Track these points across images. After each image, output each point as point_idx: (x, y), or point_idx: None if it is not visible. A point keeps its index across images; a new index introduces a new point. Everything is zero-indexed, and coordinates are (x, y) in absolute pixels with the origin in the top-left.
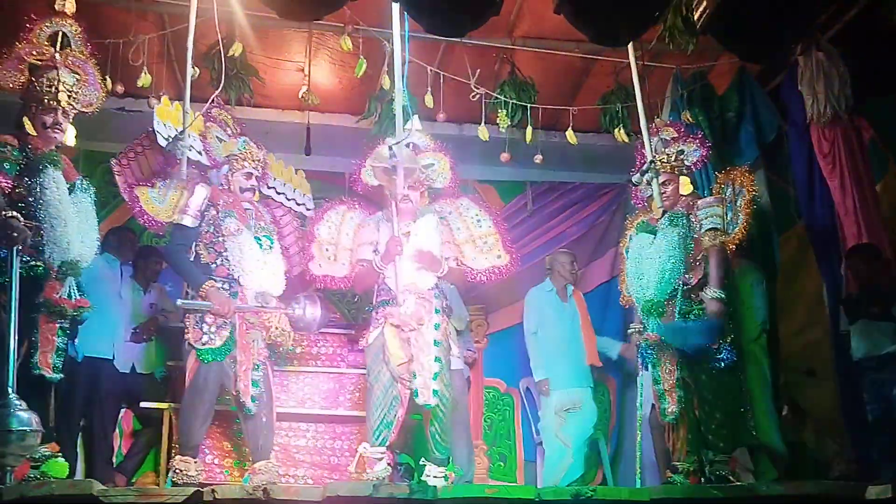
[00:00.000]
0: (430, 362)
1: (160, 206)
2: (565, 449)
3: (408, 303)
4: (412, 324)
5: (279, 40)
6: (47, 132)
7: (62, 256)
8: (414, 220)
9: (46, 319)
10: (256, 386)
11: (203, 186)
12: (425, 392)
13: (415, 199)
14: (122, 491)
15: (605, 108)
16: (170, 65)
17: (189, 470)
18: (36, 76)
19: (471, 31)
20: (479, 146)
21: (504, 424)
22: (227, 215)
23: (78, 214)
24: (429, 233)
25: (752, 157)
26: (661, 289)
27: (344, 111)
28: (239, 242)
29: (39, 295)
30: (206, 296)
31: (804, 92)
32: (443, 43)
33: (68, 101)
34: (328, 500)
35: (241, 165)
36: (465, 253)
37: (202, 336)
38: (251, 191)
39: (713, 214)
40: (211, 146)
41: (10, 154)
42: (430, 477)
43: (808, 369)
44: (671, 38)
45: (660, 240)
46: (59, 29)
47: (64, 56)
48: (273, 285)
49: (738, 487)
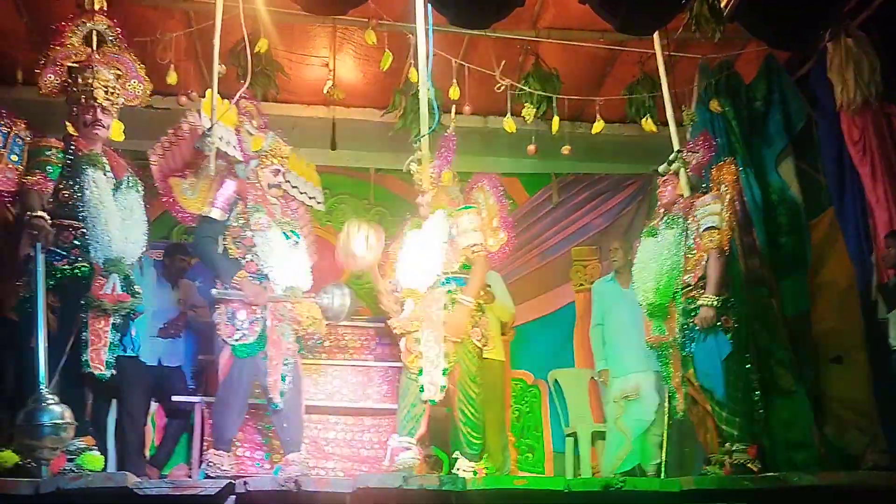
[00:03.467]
0: (439, 357)
1: (191, 197)
2: (623, 438)
3: (407, 306)
4: (409, 327)
5: (304, 36)
6: (88, 130)
7: (105, 254)
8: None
9: (95, 316)
10: (285, 380)
11: (232, 180)
12: (431, 388)
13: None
14: (156, 483)
15: (631, 99)
16: (196, 62)
17: (222, 463)
18: (73, 77)
19: (495, 22)
20: (504, 139)
21: (532, 416)
22: (256, 210)
23: (122, 212)
24: (433, 233)
25: (782, 145)
26: (662, 292)
27: (369, 105)
28: (268, 238)
29: (87, 293)
30: (239, 286)
31: (833, 79)
32: (466, 35)
33: (105, 97)
34: (358, 491)
35: (270, 162)
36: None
37: (235, 332)
38: (277, 186)
39: (711, 213)
40: (244, 140)
41: (54, 157)
42: (461, 470)
43: (835, 357)
44: (697, 27)
45: (659, 244)
46: (93, 28)
47: (101, 54)
48: (301, 280)
49: (769, 478)
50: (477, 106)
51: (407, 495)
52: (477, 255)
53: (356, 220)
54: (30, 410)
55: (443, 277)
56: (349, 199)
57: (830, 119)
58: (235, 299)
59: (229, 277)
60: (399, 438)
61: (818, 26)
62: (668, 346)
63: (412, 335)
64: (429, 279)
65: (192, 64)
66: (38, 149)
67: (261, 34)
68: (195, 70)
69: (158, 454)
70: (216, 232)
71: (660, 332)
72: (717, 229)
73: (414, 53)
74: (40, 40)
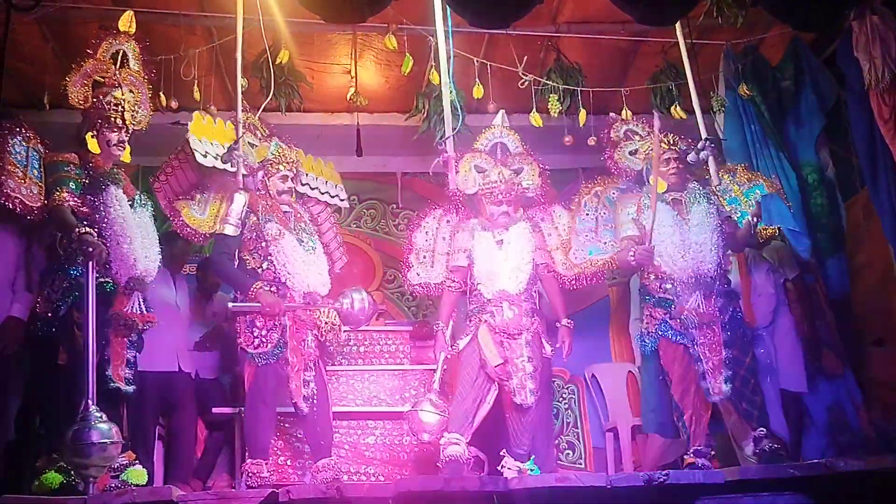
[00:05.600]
0: (525, 363)
1: (201, 217)
2: None
3: (504, 309)
4: (510, 330)
5: (325, 45)
6: (111, 150)
7: (129, 272)
8: (507, 228)
9: (116, 334)
10: (309, 386)
11: (241, 194)
12: (522, 392)
13: (511, 211)
14: (200, 495)
15: (656, 89)
16: (220, 76)
17: (261, 472)
18: (101, 94)
19: (515, 21)
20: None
21: (570, 413)
22: (268, 220)
23: (140, 229)
24: (521, 242)
25: (819, 127)
26: (713, 260)
27: (392, 110)
28: (282, 246)
29: (109, 310)
30: (255, 297)
31: (860, 58)
32: (486, 34)
33: (130, 119)
34: (399, 496)
35: (276, 169)
36: (556, 259)
37: (254, 340)
38: (288, 193)
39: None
40: (245, 153)
41: (74, 172)
42: (506, 468)
43: (877, 339)
44: (719, 13)
45: (698, 212)
46: (121, 48)
47: (124, 74)
48: (319, 285)
49: (816, 465)
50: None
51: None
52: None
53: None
54: (78, 429)
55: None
56: (377, 205)
57: (859, 98)
58: (253, 310)
59: (247, 290)
60: (449, 434)
61: (842, 5)
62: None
63: (495, 340)
64: (519, 284)
65: (214, 78)
66: (56, 164)
67: (282, 46)
68: (218, 84)
69: (200, 466)
70: (231, 247)
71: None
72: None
73: (434, 55)
74: (67, 65)
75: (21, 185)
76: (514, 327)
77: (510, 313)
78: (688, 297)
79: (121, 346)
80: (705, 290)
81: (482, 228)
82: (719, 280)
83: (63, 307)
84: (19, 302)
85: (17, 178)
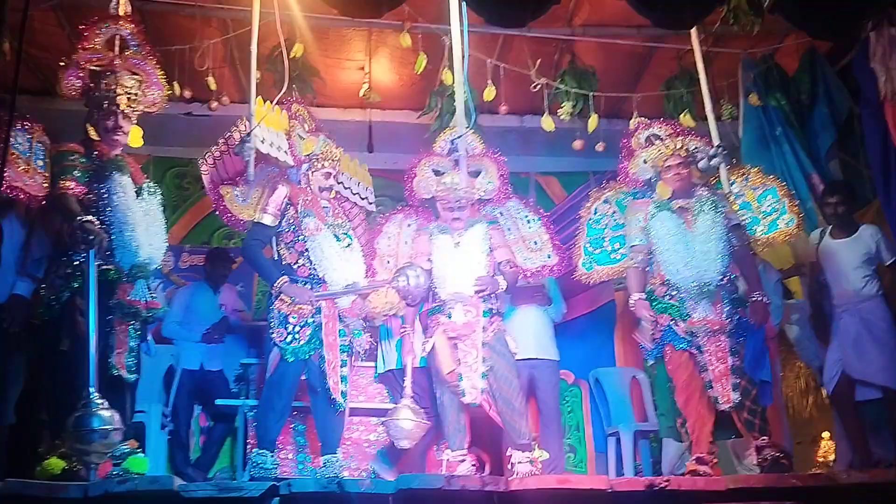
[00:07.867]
0: (477, 362)
1: (243, 204)
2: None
3: (456, 311)
4: (463, 332)
5: (339, 40)
6: (109, 136)
7: (132, 259)
8: (465, 229)
9: (120, 321)
10: (346, 381)
11: (283, 185)
12: (472, 392)
13: (464, 216)
14: (201, 485)
15: (669, 94)
16: (234, 68)
17: (265, 464)
18: (95, 82)
19: (532, 20)
20: (541, 137)
21: (573, 416)
22: (307, 215)
23: (145, 217)
24: (477, 242)
25: (831, 139)
26: (718, 269)
27: (405, 107)
28: (319, 241)
29: (113, 298)
30: (279, 290)
31: (877, 69)
32: (501, 35)
33: (128, 104)
34: (401, 492)
35: (322, 165)
36: (517, 253)
37: (287, 335)
38: (329, 189)
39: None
40: (295, 144)
41: (78, 161)
42: (517, 463)
43: None
44: (735, 20)
45: (704, 221)
46: (116, 32)
47: (123, 59)
48: (359, 278)
49: (818, 476)
50: (513, 105)
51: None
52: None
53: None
54: (80, 415)
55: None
56: (387, 202)
57: (874, 110)
58: (286, 303)
59: (272, 282)
60: (452, 453)
61: (860, 15)
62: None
63: (449, 344)
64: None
65: (228, 70)
66: (60, 154)
67: (297, 39)
68: (232, 76)
69: (203, 457)
70: (266, 236)
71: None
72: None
73: (449, 55)
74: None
75: (24, 175)
76: (467, 328)
77: (465, 315)
78: (694, 305)
79: (123, 334)
80: (712, 299)
81: (440, 231)
82: (726, 288)
83: (66, 293)
84: (24, 282)
85: (20, 169)
